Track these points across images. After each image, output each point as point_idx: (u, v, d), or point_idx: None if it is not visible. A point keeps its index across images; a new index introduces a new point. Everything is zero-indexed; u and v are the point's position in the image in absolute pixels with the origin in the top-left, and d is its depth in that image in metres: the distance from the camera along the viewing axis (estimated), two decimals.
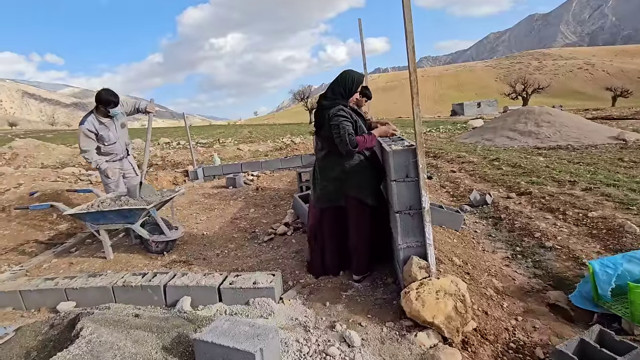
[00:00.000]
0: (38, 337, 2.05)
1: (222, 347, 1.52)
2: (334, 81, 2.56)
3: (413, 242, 2.13)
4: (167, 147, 16.33)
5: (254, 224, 4.15)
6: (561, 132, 9.61)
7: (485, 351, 1.80)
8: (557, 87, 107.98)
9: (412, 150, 2.08)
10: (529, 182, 4.98)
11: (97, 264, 3.32)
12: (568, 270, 2.58)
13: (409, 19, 1.89)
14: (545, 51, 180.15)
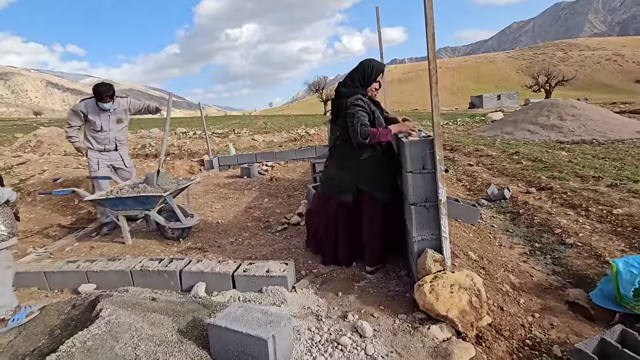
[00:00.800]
0: (61, 316, 2.14)
1: (236, 332, 1.54)
2: (353, 69, 2.52)
3: (428, 234, 2.10)
4: (184, 136, 16.59)
5: (267, 214, 4.18)
6: (586, 125, 9.23)
7: (500, 347, 1.77)
8: (583, 79, 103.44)
9: (429, 141, 2.03)
10: (550, 177, 4.82)
11: (116, 249, 3.43)
12: (589, 268, 2.49)
13: (430, 5, 1.83)
14: (572, 41, 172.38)
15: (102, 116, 3.89)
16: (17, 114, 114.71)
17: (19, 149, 11.42)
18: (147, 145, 12.34)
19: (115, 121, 3.98)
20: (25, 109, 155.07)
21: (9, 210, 2.16)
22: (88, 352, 1.45)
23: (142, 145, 12.49)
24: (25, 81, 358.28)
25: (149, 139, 14.73)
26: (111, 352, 1.47)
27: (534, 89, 38.22)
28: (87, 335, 1.52)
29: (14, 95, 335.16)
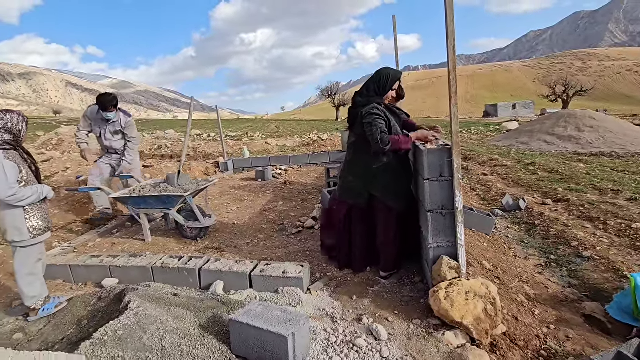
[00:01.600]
0: (88, 308, 2.25)
1: (256, 328, 1.60)
2: (369, 79, 2.57)
3: (444, 242, 2.13)
4: (198, 138, 16.90)
5: (282, 217, 4.25)
6: (605, 137, 9.07)
7: (514, 356, 1.78)
8: (602, 90, 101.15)
9: (447, 149, 2.07)
10: (567, 189, 4.77)
11: (137, 246, 3.54)
12: (607, 282, 2.47)
13: (451, 18, 1.88)
14: (591, 51, 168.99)
15: (102, 125, 4.14)
16: (37, 112, 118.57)
17: (41, 147, 11.84)
18: (163, 146, 12.63)
19: (113, 132, 4.20)
20: (45, 108, 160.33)
21: (45, 206, 2.29)
22: (119, 340, 1.53)
23: (159, 146, 12.79)
24: (46, 81, 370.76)
25: (164, 140, 15.07)
26: (140, 342, 1.55)
27: (551, 99, 37.55)
28: (117, 325, 1.60)
29: (35, 94, 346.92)
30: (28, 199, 2.09)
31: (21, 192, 2.05)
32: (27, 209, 2.13)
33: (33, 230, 2.16)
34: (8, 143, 2.07)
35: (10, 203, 2.03)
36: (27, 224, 2.13)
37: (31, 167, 2.21)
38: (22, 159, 2.14)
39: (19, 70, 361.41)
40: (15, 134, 2.11)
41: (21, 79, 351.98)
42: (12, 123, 2.10)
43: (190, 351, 1.62)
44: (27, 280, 2.22)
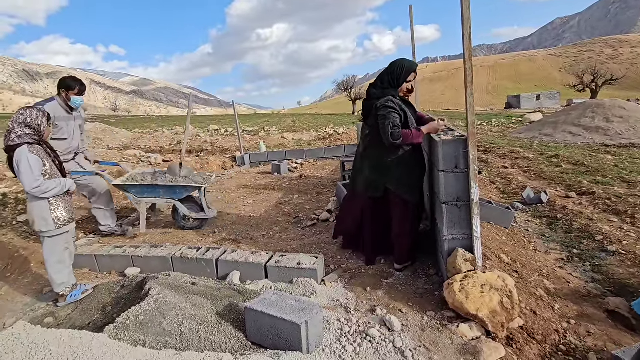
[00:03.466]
0: (112, 295, 2.36)
1: (271, 316, 1.64)
2: (383, 70, 2.54)
3: (459, 234, 2.10)
4: (216, 133, 17.19)
5: (297, 209, 4.29)
6: (636, 128, 8.61)
7: (531, 349, 1.75)
8: (634, 79, 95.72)
9: (462, 140, 2.03)
10: (593, 182, 4.57)
11: (157, 237, 3.67)
12: (633, 277, 2.38)
13: (467, 5, 1.83)
14: (622, 37, 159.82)
15: (69, 122, 3.28)
16: None
17: None
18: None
19: (79, 127, 3.44)
20: None
21: (69, 198, 2.40)
22: (140, 325, 1.60)
23: (178, 141, 13.09)
24: None
25: (183, 135, 15.40)
26: (160, 327, 1.62)
27: (578, 89, 35.84)
28: (139, 311, 1.68)
29: None
30: (52, 191, 2.19)
31: (45, 184, 2.15)
32: (52, 200, 2.24)
33: (58, 220, 2.26)
34: (31, 137, 2.16)
35: (36, 195, 2.15)
36: (52, 215, 2.23)
37: (55, 161, 2.31)
38: (45, 154, 2.24)
39: (47, 70, 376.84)
40: (35, 128, 2.18)
41: (49, 79, 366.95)
42: (32, 118, 2.17)
43: (208, 337, 1.68)
44: (56, 268, 2.35)
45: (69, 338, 1.21)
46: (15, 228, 3.95)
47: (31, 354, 1.12)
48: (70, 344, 1.18)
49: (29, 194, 2.18)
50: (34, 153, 2.14)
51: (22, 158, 2.09)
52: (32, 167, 2.09)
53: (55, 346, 1.15)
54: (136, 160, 8.30)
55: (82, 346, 1.18)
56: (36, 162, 2.13)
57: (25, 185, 2.11)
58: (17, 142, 2.12)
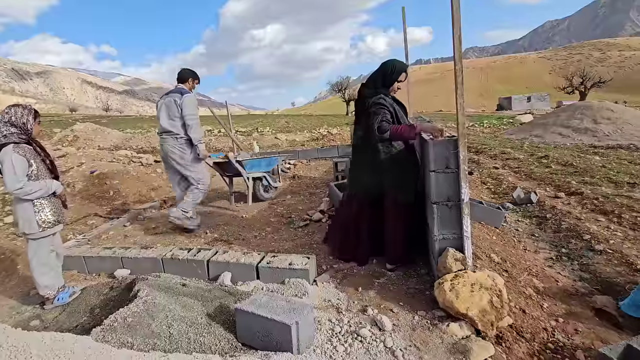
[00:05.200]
0: (100, 297, 2.32)
1: (261, 317, 1.63)
2: (375, 70, 2.56)
3: (449, 234, 2.11)
4: (209, 134, 17.07)
5: (290, 210, 4.28)
6: (623, 130, 8.79)
7: (520, 348, 1.77)
8: (622, 81, 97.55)
9: (453, 141, 2.05)
10: (581, 182, 4.65)
11: (148, 238, 3.63)
12: (619, 276, 2.42)
13: (457, 6, 1.85)
14: (611, 41, 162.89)
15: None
16: (54, 110, 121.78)
17: (58, 143, 12.17)
18: None
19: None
20: (61, 106, 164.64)
21: (56, 200, 2.35)
22: (128, 327, 1.58)
23: None
24: (62, 79, 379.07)
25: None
26: (148, 328, 1.60)
27: (568, 91, 36.45)
28: (127, 312, 1.65)
29: (52, 92, 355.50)
30: (35, 193, 2.12)
31: (29, 185, 2.08)
32: (36, 202, 2.17)
33: (42, 223, 2.20)
34: (18, 136, 2.10)
35: (18, 196, 2.09)
36: (36, 217, 2.17)
37: (45, 160, 2.25)
38: (34, 153, 2.18)
39: (37, 69, 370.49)
40: (20, 126, 2.12)
41: (38, 78, 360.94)
42: (16, 116, 2.12)
43: (197, 338, 1.66)
44: (40, 270, 2.29)
45: (51, 341, 1.19)
46: (2, 229, 3.87)
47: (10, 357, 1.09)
48: (52, 347, 1.16)
49: (15, 198, 2.13)
50: (19, 153, 2.08)
51: (6, 158, 2.03)
52: (15, 168, 2.04)
53: (36, 349, 1.12)
54: (127, 160, 8.20)
55: (64, 349, 1.15)
56: (20, 163, 2.07)
57: (8, 185, 2.05)
58: (2, 141, 2.07)
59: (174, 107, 3.59)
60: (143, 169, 6.46)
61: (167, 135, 3.65)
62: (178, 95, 3.60)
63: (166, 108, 3.63)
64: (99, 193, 5.20)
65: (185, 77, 3.72)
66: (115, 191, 5.35)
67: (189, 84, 3.73)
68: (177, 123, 3.60)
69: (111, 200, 5.05)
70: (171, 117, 3.61)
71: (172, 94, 3.66)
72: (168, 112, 3.62)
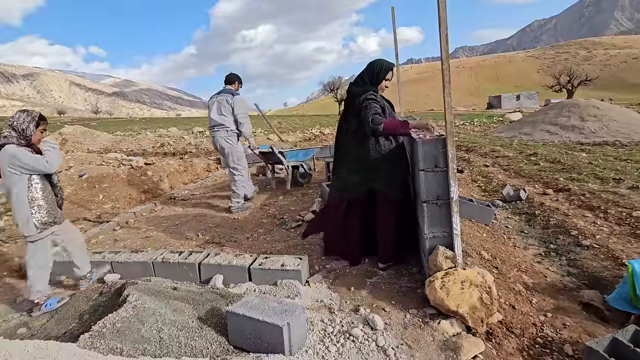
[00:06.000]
0: (89, 302, 2.29)
1: (253, 319, 1.62)
2: (363, 69, 2.58)
3: (439, 232, 2.13)
4: (201, 135, 16.94)
5: (282, 211, 4.27)
6: (609, 127, 8.96)
7: (510, 343, 1.79)
8: (607, 79, 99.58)
9: (441, 139, 2.07)
10: (569, 179, 4.73)
11: (138, 242, 3.58)
12: (605, 270, 2.47)
13: (443, 6, 1.87)
14: (596, 40, 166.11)
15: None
16: (42, 113, 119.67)
17: None
18: (166, 144, 12.68)
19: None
20: (49, 108, 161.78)
21: (52, 201, 2.37)
22: (117, 332, 1.56)
23: (161, 144, 12.84)
24: (50, 81, 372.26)
25: (167, 137, 15.13)
26: (138, 333, 1.58)
27: (556, 89, 37.09)
28: (116, 318, 1.63)
29: (39, 95, 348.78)
30: (56, 160, 2.29)
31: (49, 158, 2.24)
32: (34, 205, 2.23)
33: (40, 224, 2.25)
34: (17, 139, 2.21)
35: (50, 171, 2.27)
36: (33, 219, 2.22)
37: None
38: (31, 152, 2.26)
39: (23, 72, 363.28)
40: (19, 131, 2.22)
41: (25, 80, 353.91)
42: (18, 122, 2.23)
43: (188, 342, 1.65)
44: (37, 273, 2.31)
45: (35, 349, 1.17)
46: None
47: None
48: (35, 355, 1.13)
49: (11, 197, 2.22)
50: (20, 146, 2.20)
51: (15, 153, 2.15)
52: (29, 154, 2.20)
53: (18, 358, 1.10)
54: (117, 163, 8.10)
55: (47, 357, 1.13)
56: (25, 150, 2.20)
57: (40, 166, 2.21)
58: (2, 141, 2.20)
59: (225, 104, 4.22)
60: (133, 171, 6.38)
61: (219, 127, 4.27)
62: (229, 95, 4.25)
63: (218, 105, 4.25)
64: (88, 197, 5.12)
65: (232, 79, 4.39)
66: (104, 195, 5.28)
67: (235, 86, 4.39)
68: (227, 118, 4.23)
69: (101, 204, 4.98)
70: (222, 113, 4.24)
71: (224, 93, 4.29)
72: (220, 108, 4.24)
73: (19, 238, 3.77)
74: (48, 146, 2.32)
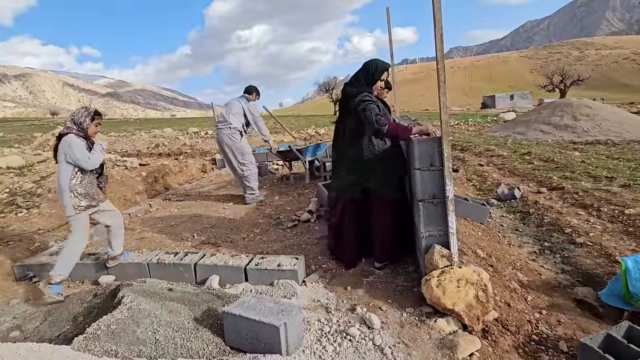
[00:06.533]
0: (84, 305, 2.26)
1: (249, 320, 1.62)
2: (359, 69, 2.58)
3: (435, 230, 2.14)
4: (196, 136, 16.85)
5: (278, 211, 4.26)
6: (601, 126, 9.07)
7: (505, 341, 1.80)
8: (599, 79, 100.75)
9: (437, 139, 2.08)
10: (562, 177, 4.78)
11: (133, 243, 3.55)
12: (599, 267, 2.49)
13: (438, 6, 1.88)
14: (588, 40, 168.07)
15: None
16: (34, 114, 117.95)
17: (38, 148, 11.80)
18: (161, 145, 12.59)
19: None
20: (42, 109, 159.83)
21: (90, 188, 2.62)
22: (112, 334, 1.54)
23: (156, 144, 12.75)
24: (42, 82, 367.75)
25: (162, 138, 15.02)
26: (133, 335, 1.57)
27: (548, 89, 37.47)
28: (111, 320, 1.62)
29: (32, 95, 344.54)
30: (98, 159, 2.59)
31: (92, 157, 2.54)
32: (73, 190, 2.51)
33: (77, 207, 2.53)
34: (76, 131, 2.52)
35: (89, 167, 2.53)
36: (72, 202, 2.51)
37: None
38: (87, 147, 2.56)
39: (15, 72, 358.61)
40: (77, 124, 2.54)
41: (17, 81, 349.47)
42: (77, 116, 2.56)
43: (184, 344, 1.63)
44: (69, 255, 2.56)
45: (27, 352, 1.15)
46: None
47: None
48: (28, 358, 1.12)
49: (60, 183, 2.50)
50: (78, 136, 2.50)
51: (72, 142, 2.46)
52: (82, 147, 2.49)
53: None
54: (111, 164, 8.03)
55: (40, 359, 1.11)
56: (80, 143, 2.49)
57: (81, 162, 2.47)
58: (65, 131, 2.53)
59: (238, 105, 4.54)
60: (127, 172, 6.33)
61: (224, 125, 4.49)
62: (245, 100, 4.61)
63: (230, 105, 4.58)
64: None
65: (251, 90, 4.75)
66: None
67: (253, 96, 4.72)
68: (234, 117, 4.49)
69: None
70: (231, 112, 4.51)
71: (240, 98, 4.64)
72: (231, 108, 4.55)
73: (12, 240, 3.72)
74: (99, 147, 2.61)
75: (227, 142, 4.47)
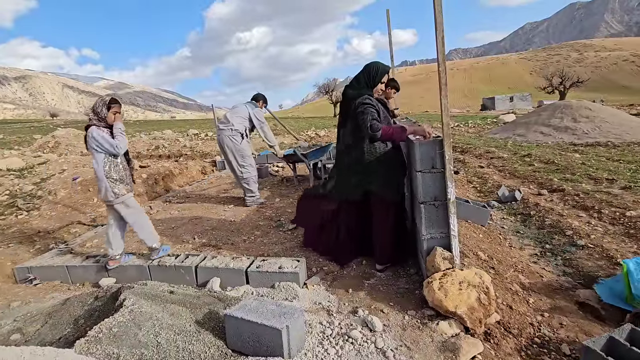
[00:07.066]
0: (84, 307, 2.25)
1: (251, 322, 1.61)
2: (359, 72, 2.58)
3: (437, 233, 2.14)
4: (196, 138, 16.86)
5: (279, 213, 4.26)
6: (601, 128, 9.08)
7: (508, 344, 1.80)
8: (599, 81, 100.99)
9: (438, 141, 2.08)
10: (563, 179, 4.78)
11: (134, 246, 3.54)
12: (600, 270, 2.49)
13: (439, 10, 1.88)
14: (587, 42, 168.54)
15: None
16: (34, 115, 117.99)
17: (38, 149, 11.81)
18: (161, 147, 12.60)
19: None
20: (42, 111, 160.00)
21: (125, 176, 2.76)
22: (114, 337, 1.54)
23: (156, 146, 12.76)
24: (42, 84, 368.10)
25: (162, 140, 15.03)
26: (135, 338, 1.56)
27: (548, 91, 37.54)
28: (112, 322, 1.61)
29: (31, 97, 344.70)
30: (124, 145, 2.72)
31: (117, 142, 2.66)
32: (109, 177, 2.65)
33: (114, 193, 2.68)
34: (97, 120, 2.64)
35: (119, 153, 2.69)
36: (113, 189, 2.67)
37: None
38: (108, 135, 2.66)
39: (15, 74, 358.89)
40: (96, 113, 2.65)
41: (17, 83, 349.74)
42: (95, 105, 2.68)
43: (186, 347, 1.63)
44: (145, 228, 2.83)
45: (31, 355, 1.14)
46: None
47: None
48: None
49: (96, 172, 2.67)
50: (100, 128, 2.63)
51: (96, 135, 2.60)
52: (106, 137, 2.62)
53: None
54: None
55: None
56: (102, 134, 2.62)
57: (111, 149, 2.62)
58: (88, 123, 2.67)
59: (244, 109, 4.62)
60: None
61: (225, 126, 4.53)
62: (251, 105, 4.71)
63: (237, 109, 4.66)
64: (82, 200, 5.07)
65: (259, 98, 4.83)
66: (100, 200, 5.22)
67: (260, 104, 4.81)
68: (237, 120, 4.54)
69: (95, 207, 4.92)
70: (236, 114, 4.58)
71: (247, 103, 4.73)
72: (237, 111, 4.62)
73: (12, 242, 3.72)
74: (118, 131, 2.69)
75: (228, 144, 4.50)
